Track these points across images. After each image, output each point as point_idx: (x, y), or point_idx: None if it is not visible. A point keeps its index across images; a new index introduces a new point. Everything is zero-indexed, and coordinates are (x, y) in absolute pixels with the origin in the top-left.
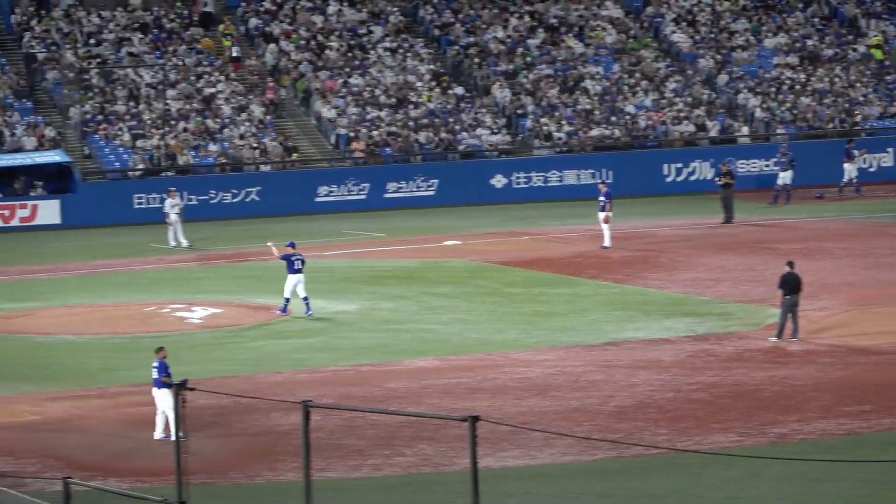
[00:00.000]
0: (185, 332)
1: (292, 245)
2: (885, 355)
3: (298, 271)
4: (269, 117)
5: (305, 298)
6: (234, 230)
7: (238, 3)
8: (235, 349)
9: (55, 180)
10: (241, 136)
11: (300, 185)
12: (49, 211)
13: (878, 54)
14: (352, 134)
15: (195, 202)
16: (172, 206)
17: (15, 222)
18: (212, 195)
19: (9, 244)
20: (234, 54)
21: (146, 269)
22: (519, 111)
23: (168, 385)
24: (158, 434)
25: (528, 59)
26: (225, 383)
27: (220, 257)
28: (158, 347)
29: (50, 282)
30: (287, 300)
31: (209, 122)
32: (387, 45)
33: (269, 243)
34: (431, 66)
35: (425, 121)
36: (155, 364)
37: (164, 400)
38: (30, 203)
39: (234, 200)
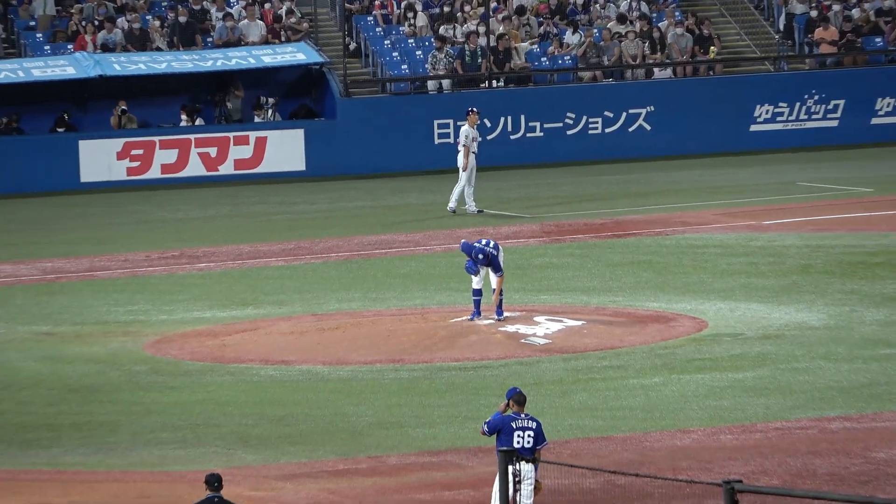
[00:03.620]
0: (521, 359)
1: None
2: None
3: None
4: None
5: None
6: (603, 182)
7: None
8: (608, 389)
9: (297, 95)
10: (619, 19)
11: (719, 102)
12: (286, 149)
13: None
14: (814, 14)
15: (538, 133)
16: (471, 138)
17: (226, 168)
18: (568, 120)
19: (211, 202)
20: None
21: (450, 251)
22: None
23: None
24: None
25: None
26: (590, 449)
27: (577, 230)
28: (516, 394)
29: (285, 272)
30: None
31: None
32: None
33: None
34: None
35: None
36: (530, 425)
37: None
38: (252, 135)
39: (606, 130)
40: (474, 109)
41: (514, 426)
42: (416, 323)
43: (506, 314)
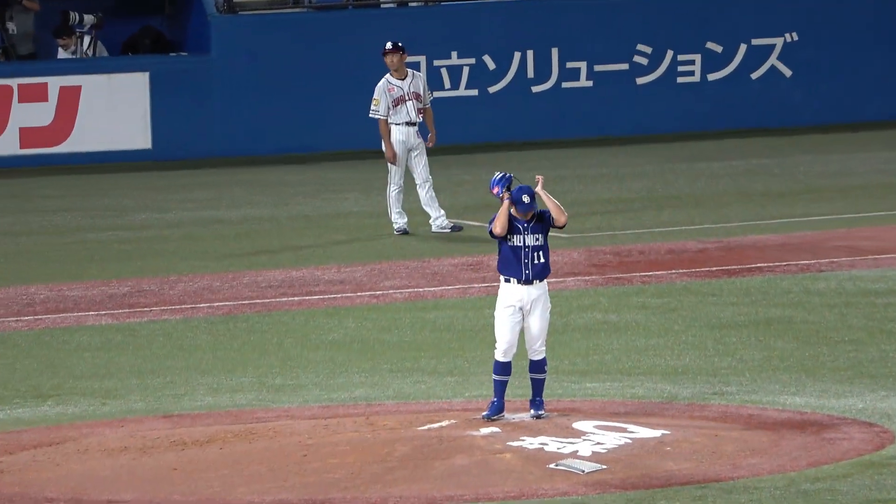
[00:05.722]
0: (548, 500)
1: (505, 183)
2: None
3: (535, 273)
4: None
5: (533, 367)
6: (703, 172)
7: None
8: None
9: (137, 11)
10: None
11: None
12: (116, 109)
13: None
14: None
15: (584, 82)
16: (394, 101)
17: (5, 145)
18: (640, 59)
19: None
20: None
21: (420, 300)
22: None
23: None
24: None
25: None
26: None
27: (654, 261)
28: None
29: (114, 338)
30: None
31: None
32: None
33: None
34: None
35: None
36: None
37: None
38: (54, 83)
39: (709, 77)
40: (394, 46)
41: None
42: (355, 432)
43: (546, 412)
